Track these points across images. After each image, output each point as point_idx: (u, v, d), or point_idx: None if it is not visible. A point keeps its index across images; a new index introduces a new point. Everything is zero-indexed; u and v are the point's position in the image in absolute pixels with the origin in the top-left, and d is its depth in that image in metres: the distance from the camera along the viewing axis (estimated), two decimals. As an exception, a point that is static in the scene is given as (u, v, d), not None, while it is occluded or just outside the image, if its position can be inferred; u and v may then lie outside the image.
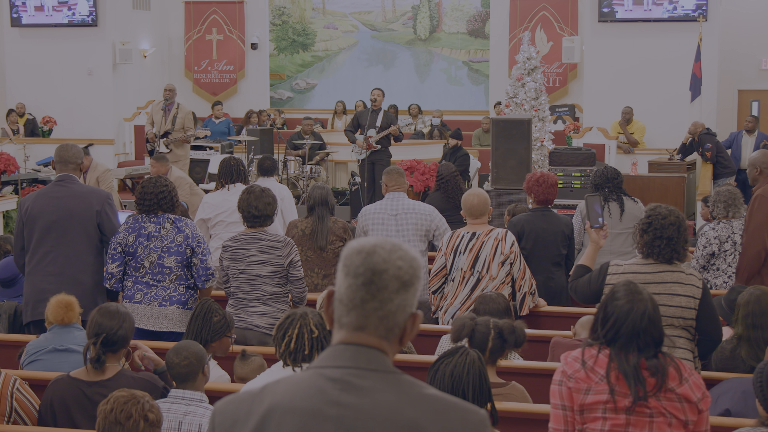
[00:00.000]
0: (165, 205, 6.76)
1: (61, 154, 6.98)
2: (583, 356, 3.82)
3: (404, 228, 7.90)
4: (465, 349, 4.21)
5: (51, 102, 19.74)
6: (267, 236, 6.79)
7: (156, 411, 4.02)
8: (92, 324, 4.86)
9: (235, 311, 6.72)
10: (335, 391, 2.21)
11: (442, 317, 7.11)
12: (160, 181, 6.84)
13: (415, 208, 8.01)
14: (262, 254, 6.70)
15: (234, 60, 22.36)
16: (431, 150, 17.11)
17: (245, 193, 6.90)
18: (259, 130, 16.96)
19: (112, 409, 3.93)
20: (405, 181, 8.19)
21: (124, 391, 4.03)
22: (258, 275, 6.69)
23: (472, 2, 22.02)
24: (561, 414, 3.83)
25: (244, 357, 5.63)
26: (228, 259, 6.79)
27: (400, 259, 2.26)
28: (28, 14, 19.65)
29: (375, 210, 8.08)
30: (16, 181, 14.37)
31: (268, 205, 6.82)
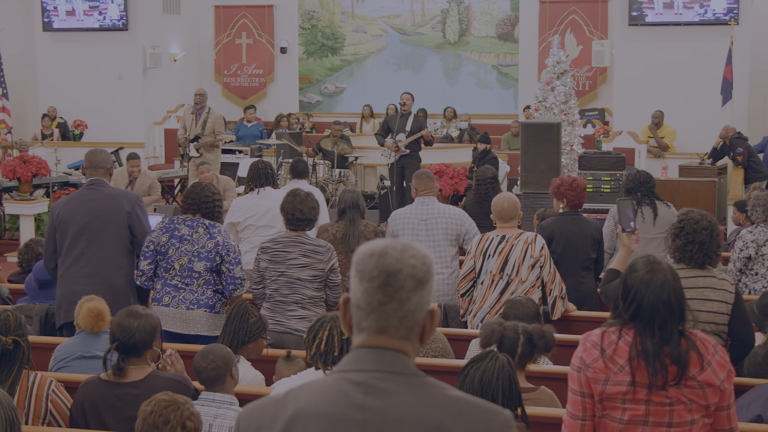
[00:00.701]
0: (204, 209, 6.80)
1: (91, 159, 7.02)
2: (602, 343, 3.78)
3: (434, 232, 7.87)
4: (494, 353, 4.19)
5: (82, 106, 19.87)
6: (309, 240, 6.80)
7: (195, 419, 4.01)
8: (112, 328, 4.88)
9: (272, 315, 6.71)
10: (359, 395, 2.21)
11: (471, 321, 7.09)
12: (210, 188, 6.89)
13: (445, 212, 7.98)
14: (304, 258, 6.71)
15: (263, 64, 22.42)
16: (460, 154, 17.10)
17: (290, 195, 6.91)
18: (288, 133, 17.00)
19: (152, 412, 3.94)
20: (435, 185, 8.16)
21: (167, 395, 4.02)
22: (299, 278, 6.69)
23: (502, 6, 21.98)
24: (579, 400, 3.80)
25: (289, 358, 5.63)
26: (267, 261, 6.79)
27: (412, 258, 2.26)
28: (59, 19, 19.78)
29: (405, 214, 8.06)
30: (47, 185, 14.46)
31: (312, 210, 6.85)
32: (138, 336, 4.79)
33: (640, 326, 3.74)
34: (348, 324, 2.34)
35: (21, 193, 13.23)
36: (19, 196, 13.24)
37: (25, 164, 13.02)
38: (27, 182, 13.11)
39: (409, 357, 2.28)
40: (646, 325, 3.72)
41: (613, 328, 3.81)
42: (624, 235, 5.75)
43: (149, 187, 12.53)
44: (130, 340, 4.77)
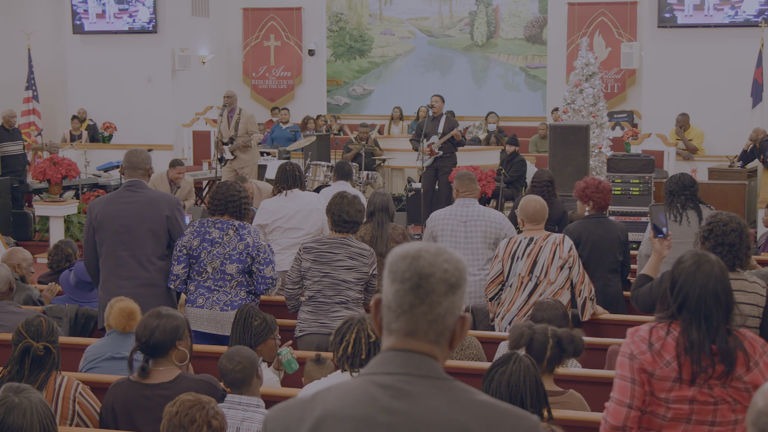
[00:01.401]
0: (232, 209, 6.81)
1: (130, 160, 7.01)
2: (651, 337, 3.77)
3: (473, 235, 7.81)
4: (517, 356, 4.18)
5: (111, 108, 19.98)
6: (354, 243, 6.80)
7: (220, 418, 4.02)
8: (136, 329, 4.90)
9: (315, 317, 6.70)
10: (386, 397, 2.20)
11: (499, 323, 7.06)
12: (235, 186, 6.90)
13: (484, 215, 7.90)
14: (350, 260, 6.70)
15: (291, 66, 22.46)
16: (488, 156, 17.07)
17: (338, 197, 6.90)
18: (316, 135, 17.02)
19: (177, 413, 3.95)
20: (476, 186, 8.09)
21: (191, 395, 4.04)
22: (344, 280, 6.68)
23: (530, 8, 21.94)
24: (629, 387, 3.77)
25: (319, 361, 5.63)
26: (311, 261, 6.75)
27: (445, 262, 2.25)
28: (89, 21, 19.90)
29: (444, 216, 8.00)
30: (77, 186, 14.55)
31: (359, 212, 6.86)
32: (158, 336, 4.78)
33: (686, 318, 3.74)
34: (378, 325, 2.33)
35: (51, 195, 13.31)
36: (49, 198, 13.32)
37: (55, 166, 13.10)
38: (57, 184, 13.19)
39: (438, 361, 2.27)
40: (692, 316, 3.73)
41: (661, 324, 3.81)
42: (656, 241, 5.71)
43: (188, 192, 12.62)
44: (150, 339, 4.77)
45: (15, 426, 3.61)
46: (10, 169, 13.88)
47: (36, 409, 3.66)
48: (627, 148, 16.81)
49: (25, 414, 3.62)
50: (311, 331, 6.69)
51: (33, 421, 3.62)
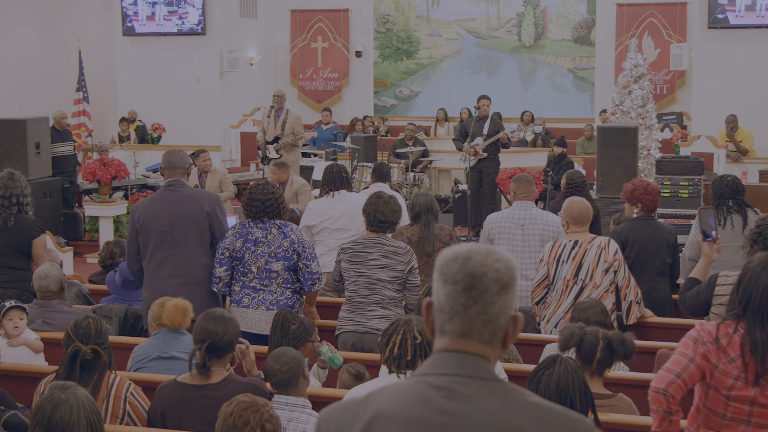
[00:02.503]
0: (271, 212, 6.82)
1: (169, 160, 7.07)
2: (718, 332, 3.76)
3: (531, 238, 7.78)
4: (562, 357, 4.16)
5: (160, 109, 20.15)
6: (389, 242, 6.82)
7: (275, 422, 4.03)
8: (199, 329, 4.92)
9: (352, 315, 6.74)
10: (439, 398, 2.19)
11: (545, 326, 7.03)
12: (268, 188, 6.90)
13: (542, 218, 7.88)
14: (384, 259, 6.72)
15: (339, 67, 22.51)
16: (535, 158, 17.00)
17: (374, 197, 6.93)
18: (362, 137, 17.05)
19: (232, 413, 3.97)
20: (534, 189, 8.06)
21: (247, 397, 4.05)
22: (379, 279, 6.71)
23: (578, 9, 21.83)
24: (684, 362, 3.78)
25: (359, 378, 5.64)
26: (347, 261, 6.82)
27: (496, 262, 2.25)
28: (139, 23, 20.07)
29: (502, 218, 7.98)
30: (126, 187, 14.68)
31: (394, 212, 6.86)
32: (227, 338, 4.84)
33: (750, 318, 3.74)
34: (431, 327, 2.33)
35: (100, 195, 13.44)
36: (99, 198, 13.46)
37: (105, 167, 13.23)
38: (106, 185, 13.32)
39: (491, 362, 2.26)
40: (755, 316, 3.73)
41: (729, 321, 3.81)
42: (705, 244, 5.66)
43: (220, 183, 12.63)
44: (220, 341, 4.82)
45: (63, 422, 3.64)
46: (61, 170, 14.02)
47: (82, 404, 3.69)
48: (676, 150, 16.68)
49: (72, 410, 3.66)
50: (347, 329, 6.76)
51: (80, 416, 3.65)
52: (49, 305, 6.81)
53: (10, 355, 6.04)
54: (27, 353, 6.21)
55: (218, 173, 12.82)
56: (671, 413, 3.90)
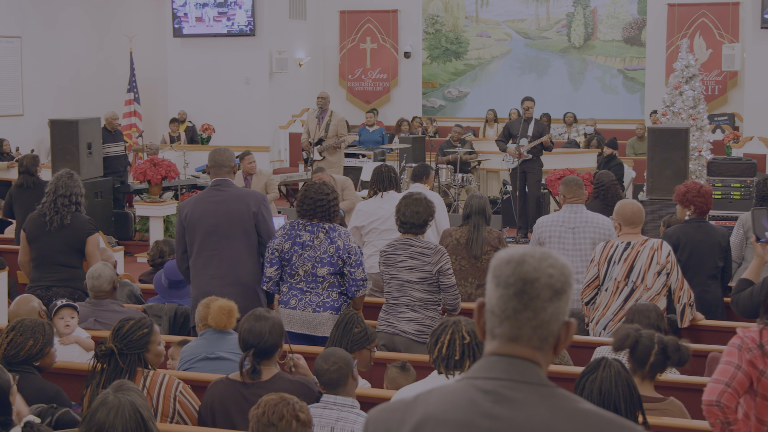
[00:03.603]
0: (320, 213, 6.82)
1: (215, 158, 7.09)
2: (761, 338, 3.72)
3: (581, 241, 7.73)
4: (606, 361, 4.14)
5: (210, 110, 20.28)
6: (418, 243, 6.79)
7: (306, 411, 4.06)
8: (243, 333, 4.94)
9: (386, 316, 6.80)
10: (488, 403, 2.18)
11: (594, 328, 6.99)
12: (323, 189, 6.90)
13: (593, 221, 7.82)
14: (411, 260, 6.72)
15: (387, 68, 22.53)
16: (584, 159, 16.90)
17: (403, 199, 6.93)
18: (411, 138, 17.05)
19: (264, 412, 3.99)
20: (584, 192, 8.00)
21: (273, 395, 4.08)
22: (407, 281, 6.71)
23: (629, 9, 21.68)
24: (732, 370, 3.74)
25: (404, 369, 5.64)
26: (382, 264, 6.90)
27: (550, 267, 2.22)
28: (189, 24, 20.22)
29: (552, 222, 7.94)
30: (176, 187, 14.79)
31: (417, 214, 6.80)
32: (270, 340, 4.86)
33: None
34: (481, 329, 2.31)
35: (151, 195, 13.56)
36: (149, 198, 13.57)
37: (155, 167, 13.34)
38: (156, 185, 13.43)
39: (541, 367, 2.24)
40: None
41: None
42: (758, 245, 5.60)
43: (266, 185, 12.68)
44: (264, 344, 4.85)
45: (99, 423, 3.68)
46: (112, 170, 14.15)
47: (122, 411, 3.70)
48: (728, 151, 16.51)
49: (109, 413, 3.69)
50: (379, 329, 6.80)
51: (115, 421, 3.67)
52: (101, 304, 6.88)
53: (62, 353, 6.10)
54: (78, 351, 6.28)
55: (263, 175, 12.87)
56: (730, 423, 3.85)
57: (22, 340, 4.99)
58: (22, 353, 4.98)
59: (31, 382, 4.83)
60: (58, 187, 7.93)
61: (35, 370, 5.05)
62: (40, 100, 19.06)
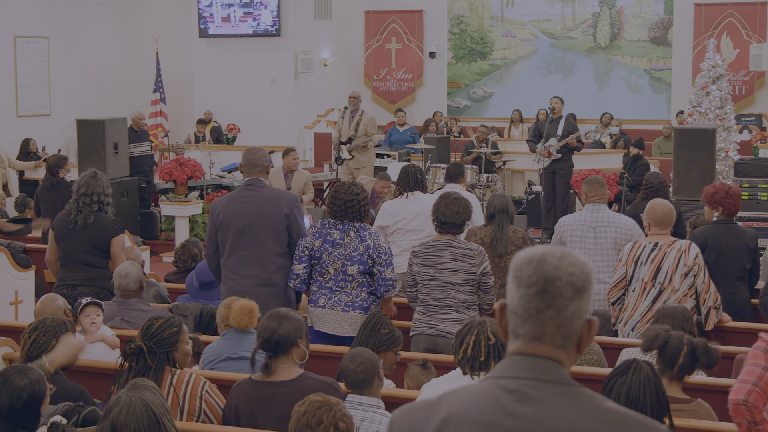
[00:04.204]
0: (351, 213, 6.82)
1: (249, 158, 7.09)
2: None
3: (603, 241, 7.70)
4: (637, 364, 4.12)
5: (235, 110, 20.34)
6: (460, 244, 6.74)
7: (348, 420, 4.03)
8: (257, 329, 4.96)
9: (425, 318, 6.70)
10: (512, 402, 2.18)
11: (622, 329, 6.96)
12: (353, 189, 6.90)
13: (615, 220, 7.78)
14: (455, 262, 6.65)
15: (412, 68, 22.53)
16: (610, 159, 16.83)
17: (439, 199, 6.89)
18: (436, 138, 17.03)
19: (305, 412, 3.98)
20: (606, 191, 7.97)
21: (320, 396, 4.06)
22: (450, 282, 6.64)
23: (655, 9, 21.58)
24: (758, 371, 3.73)
25: (425, 366, 5.63)
26: (418, 265, 6.76)
27: (571, 266, 2.22)
28: (215, 25, 20.29)
29: (573, 221, 7.91)
30: (201, 187, 14.84)
31: (457, 214, 6.76)
32: (280, 333, 4.82)
33: None
34: (504, 330, 2.31)
35: (176, 195, 13.61)
36: (175, 198, 13.62)
37: (181, 167, 13.39)
38: (182, 184, 13.48)
39: (564, 366, 2.24)
40: None
41: None
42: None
43: (304, 185, 12.73)
44: (273, 336, 4.82)
45: (112, 421, 3.69)
46: (138, 170, 14.21)
47: (133, 409, 3.71)
48: (755, 152, 16.41)
49: (121, 412, 3.69)
50: (420, 332, 6.72)
51: (127, 421, 3.68)
52: (128, 303, 6.91)
53: (88, 351, 6.12)
54: (104, 349, 6.31)
55: (303, 175, 12.94)
56: (756, 423, 3.83)
57: (45, 340, 5.01)
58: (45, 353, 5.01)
59: (55, 381, 4.85)
60: (80, 186, 7.97)
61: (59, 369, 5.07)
62: (68, 100, 19.18)
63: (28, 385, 3.95)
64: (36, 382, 3.98)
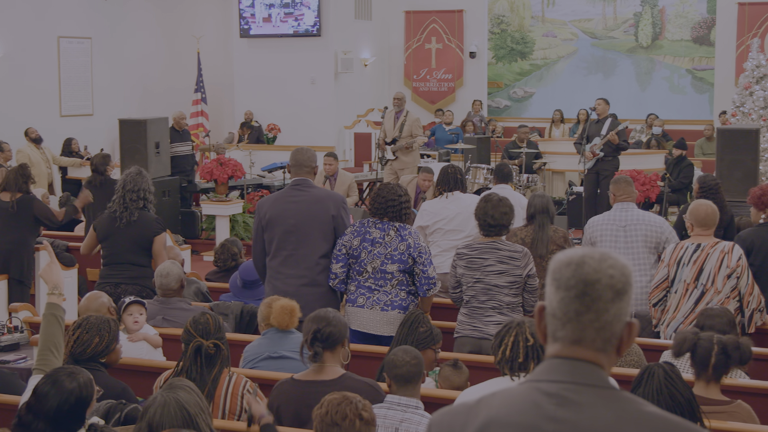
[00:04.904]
0: (391, 213, 6.83)
1: (297, 158, 7.11)
2: None
3: (633, 240, 7.65)
4: (649, 371, 4.12)
5: (275, 110, 20.39)
6: (505, 246, 6.70)
7: (369, 410, 4.05)
8: (305, 322, 4.99)
9: (470, 320, 6.68)
10: (551, 406, 2.16)
11: (664, 331, 6.92)
12: (395, 189, 6.91)
13: (644, 219, 7.74)
14: (501, 264, 6.62)
15: (452, 68, 22.50)
16: (652, 160, 16.71)
17: (482, 201, 6.86)
18: (476, 138, 17.00)
19: (327, 412, 4.00)
20: (634, 190, 7.93)
21: (335, 394, 4.08)
22: (495, 285, 6.60)
23: (698, 8, 21.41)
24: None
25: (457, 366, 5.63)
26: (463, 267, 6.73)
27: (611, 268, 2.20)
28: (256, 25, 20.35)
29: (603, 221, 7.88)
30: (242, 186, 14.91)
31: (504, 215, 6.72)
32: (331, 329, 4.87)
33: None
34: (542, 332, 2.30)
35: (217, 195, 13.68)
36: (216, 198, 13.69)
37: (222, 166, 13.46)
38: (223, 184, 13.55)
39: (604, 369, 2.22)
40: None
41: None
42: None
43: (348, 188, 12.76)
44: (324, 330, 4.85)
45: (148, 421, 3.71)
46: (180, 169, 14.31)
47: (167, 408, 3.72)
48: (799, 152, 16.22)
49: (156, 411, 3.71)
50: (465, 334, 6.69)
51: (162, 420, 3.70)
52: (169, 302, 6.96)
53: (130, 349, 6.18)
54: (147, 348, 6.35)
55: (347, 178, 12.96)
56: None
57: (88, 337, 5.06)
58: (89, 351, 5.05)
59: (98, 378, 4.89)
60: (126, 183, 8.03)
61: (102, 366, 5.12)
62: (110, 100, 19.33)
63: (76, 388, 3.98)
64: (84, 385, 4.01)
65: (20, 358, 6.76)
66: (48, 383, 3.98)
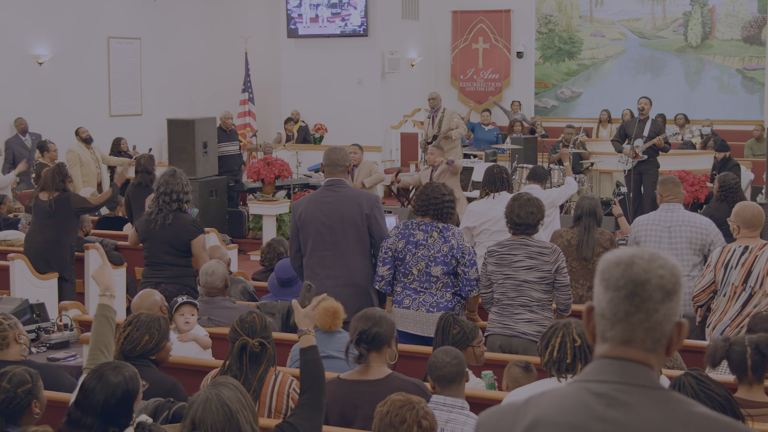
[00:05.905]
0: (433, 211, 6.83)
1: (330, 157, 7.12)
2: None
3: (678, 241, 7.61)
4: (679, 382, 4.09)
5: (322, 110, 20.46)
6: (534, 242, 6.71)
7: (430, 418, 4.04)
8: (353, 322, 5.00)
9: (500, 318, 6.69)
10: (600, 406, 2.16)
11: (710, 333, 6.86)
12: (440, 189, 6.92)
13: (690, 220, 7.69)
14: (529, 260, 6.62)
15: (499, 68, 22.44)
16: (700, 161, 16.55)
17: (512, 200, 6.88)
18: (523, 138, 16.94)
19: (388, 412, 4.00)
20: (681, 191, 7.89)
21: (402, 395, 4.08)
22: (525, 281, 6.62)
23: (748, 8, 21.17)
24: None
25: (527, 369, 5.59)
26: (493, 264, 6.74)
27: (660, 268, 2.19)
28: (303, 25, 20.43)
29: (648, 221, 7.83)
30: (288, 186, 14.97)
31: (531, 214, 6.72)
32: (377, 329, 4.88)
33: None
34: (591, 333, 2.29)
35: (264, 194, 13.75)
36: (262, 197, 13.76)
37: (269, 166, 13.53)
38: (270, 183, 13.61)
39: (654, 370, 2.21)
40: None
41: None
42: None
43: (369, 170, 12.78)
44: (370, 330, 4.86)
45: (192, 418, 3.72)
46: (227, 169, 14.39)
47: (209, 405, 3.73)
48: None
49: (198, 408, 3.72)
50: (494, 332, 6.70)
51: (204, 417, 3.71)
52: (213, 302, 7.00)
53: (180, 349, 6.22)
54: (196, 349, 6.39)
55: (366, 164, 12.98)
56: None
57: (138, 335, 5.11)
58: (139, 348, 5.10)
59: (148, 375, 4.94)
60: (160, 185, 8.05)
61: (152, 363, 5.16)
62: (158, 100, 19.49)
63: (122, 382, 4.03)
64: (130, 379, 4.06)
65: (70, 356, 6.83)
66: (94, 378, 4.04)
